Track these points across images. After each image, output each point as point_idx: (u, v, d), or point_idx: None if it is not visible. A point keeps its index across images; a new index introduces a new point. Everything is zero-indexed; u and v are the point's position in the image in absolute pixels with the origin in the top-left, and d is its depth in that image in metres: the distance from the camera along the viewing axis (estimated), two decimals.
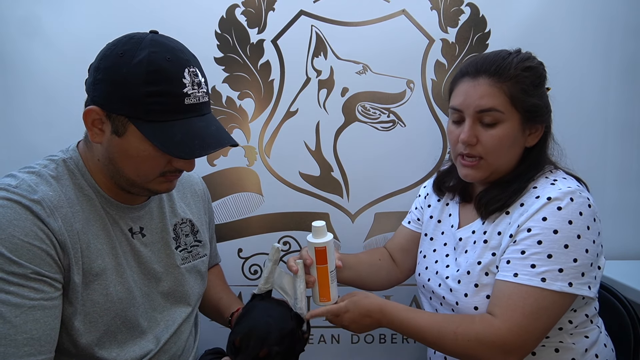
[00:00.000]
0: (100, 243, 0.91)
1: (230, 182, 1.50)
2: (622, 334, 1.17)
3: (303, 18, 1.43)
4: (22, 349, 0.78)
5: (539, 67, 1.01)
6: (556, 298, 0.90)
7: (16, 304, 0.78)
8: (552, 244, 0.91)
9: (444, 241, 1.15)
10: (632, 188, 1.55)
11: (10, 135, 1.43)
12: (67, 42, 1.40)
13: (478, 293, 1.00)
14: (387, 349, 1.57)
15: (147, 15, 1.39)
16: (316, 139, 1.49)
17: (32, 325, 0.79)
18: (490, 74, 0.97)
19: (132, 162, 0.88)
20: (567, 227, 0.91)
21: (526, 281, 0.91)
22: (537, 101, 0.98)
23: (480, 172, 1.02)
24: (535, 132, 1.02)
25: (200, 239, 1.11)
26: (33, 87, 1.42)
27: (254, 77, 1.45)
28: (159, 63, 0.82)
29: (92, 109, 0.85)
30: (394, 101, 1.47)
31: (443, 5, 1.43)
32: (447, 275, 1.08)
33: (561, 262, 0.90)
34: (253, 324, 0.93)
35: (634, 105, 1.51)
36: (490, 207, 1.02)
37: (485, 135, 0.98)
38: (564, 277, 0.90)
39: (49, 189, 0.86)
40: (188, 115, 0.86)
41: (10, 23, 1.40)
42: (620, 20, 1.47)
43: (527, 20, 1.44)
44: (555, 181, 0.98)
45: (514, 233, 0.96)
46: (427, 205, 1.25)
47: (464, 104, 0.99)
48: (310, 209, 1.51)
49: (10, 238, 0.79)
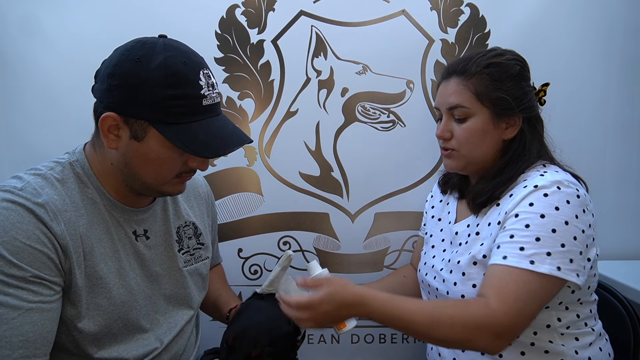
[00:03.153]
0: (103, 247, 0.92)
1: (231, 182, 1.50)
2: (622, 334, 1.17)
3: (303, 18, 1.43)
4: (17, 351, 0.78)
5: (507, 62, 1.05)
6: (545, 282, 0.90)
7: (14, 306, 0.78)
8: (539, 227, 0.92)
9: (442, 237, 1.18)
10: (632, 188, 1.55)
11: (10, 135, 1.43)
12: (67, 42, 1.40)
13: (465, 282, 1.02)
14: (387, 349, 1.57)
15: (147, 16, 1.39)
16: (316, 139, 1.49)
17: (28, 328, 0.79)
18: (458, 74, 1.06)
19: (150, 165, 0.89)
20: (554, 213, 0.93)
21: (515, 263, 0.91)
22: (502, 95, 1.03)
23: (456, 162, 1.09)
24: (513, 125, 1.05)
25: (202, 242, 1.12)
26: (33, 87, 1.42)
27: (254, 78, 1.45)
28: (176, 67, 0.84)
29: (109, 115, 0.85)
30: (394, 101, 1.47)
31: (443, 5, 1.44)
32: (442, 268, 1.10)
33: (549, 245, 0.91)
34: (247, 323, 0.93)
35: (634, 106, 1.51)
36: (477, 200, 1.06)
37: (457, 130, 1.07)
38: (552, 261, 0.90)
39: (53, 192, 0.87)
40: (206, 116, 0.88)
41: (10, 23, 1.40)
42: (620, 21, 1.47)
43: (527, 20, 1.44)
44: (546, 172, 1.00)
45: (502, 220, 0.98)
46: (430, 207, 1.30)
47: (439, 103, 1.11)
48: (310, 209, 1.51)
49: (12, 241, 0.80)
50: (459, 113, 1.05)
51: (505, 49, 1.10)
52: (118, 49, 0.88)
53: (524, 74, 1.07)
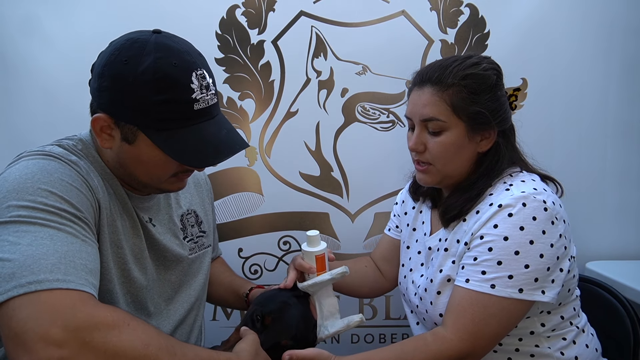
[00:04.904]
0: (123, 222, 0.91)
1: (231, 182, 1.50)
2: (622, 334, 1.16)
3: (303, 19, 1.44)
4: (80, 272, 0.73)
5: (484, 73, 0.98)
6: (505, 304, 0.90)
7: (71, 233, 0.75)
8: (501, 250, 0.91)
9: (418, 249, 1.15)
10: (632, 188, 1.55)
11: (11, 135, 1.44)
12: (67, 42, 1.41)
13: (440, 300, 1.01)
14: None
15: (148, 16, 1.40)
16: (316, 139, 1.49)
17: (86, 256, 0.75)
18: (433, 83, 0.99)
19: (144, 167, 0.88)
20: (517, 234, 0.91)
21: (476, 287, 0.92)
22: (479, 109, 0.97)
23: (431, 177, 1.04)
24: (488, 137, 1.01)
25: (204, 230, 1.12)
26: (33, 87, 1.42)
27: (255, 78, 1.46)
28: (165, 70, 0.80)
29: (100, 116, 0.83)
30: (394, 101, 1.48)
31: (442, 6, 1.44)
32: (419, 284, 1.09)
33: (511, 268, 0.90)
34: (287, 313, 0.99)
35: (634, 106, 1.51)
36: (447, 215, 1.03)
37: (431, 143, 1.00)
38: (513, 284, 0.90)
39: (77, 159, 0.86)
40: (198, 121, 0.84)
41: (11, 23, 1.40)
42: (621, 21, 1.47)
43: (527, 20, 1.44)
44: (511, 186, 0.97)
45: (468, 241, 0.97)
46: (403, 212, 1.24)
47: (411, 112, 1.03)
48: (310, 209, 1.52)
49: (59, 181, 0.78)
50: (434, 126, 0.99)
51: (480, 56, 1.03)
52: (112, 43, 0.86)
53: (499, 84, 1.01)
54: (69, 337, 0.65)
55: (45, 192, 0.76)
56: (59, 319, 0.66)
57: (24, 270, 0.68)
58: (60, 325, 0.65)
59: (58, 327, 0.65)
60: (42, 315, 0.66)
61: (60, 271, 0.70)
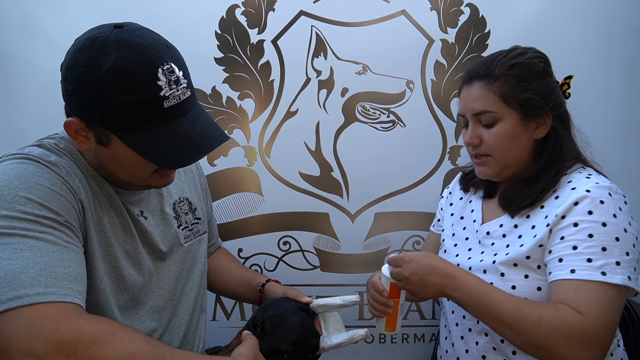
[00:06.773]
0: (111, 218, 0.90)
1: (231, 182, 1.50)
2: (622, 334, 1.16)
3: (303, 18, 1.44)
4: (63, 282, 0.72)
5: (530, 61, 1.02)
6: (616, 292, 0.86)
7: (51, 241, 0.74)
8: (603, 236, 0.88)
9: (466, 236, 1.15)
10: (632, 188, 1.54)
11: (11, 135, 1.44)
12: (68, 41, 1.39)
13: (504, 283, 0.98)
14: (387, 349, 1.57)
15: (148, 16, 1.38)
16: (316, 139, 1.49)
17: (69, 263, 0.74)
18: (481, 78, 1.02)
19: (122, 168, 0.86)
20: (614, 221, 0.89)
21: (586, 276, 0.87)
22: (530, 95, 0.99)
23: (491, 169, 1.05)
24: (543, 123, 1.02)
25: (199, 216, 1.11)
26: (34, 87, 1.42)
27: (254, 78, 1.46)
28: (128, 69, 0.76)
29: (72, 121, 0.81)
30: (394, 101, 1.48)
31: (443, 5, 1.44)
32: (470, 266, 1.07)
33: (616, 254, 0.87)
34: (287, 319, 1.00)
35: (634, 106, 1.51)
36: (522, 203, 1.02)
37: (486, 135, 1.03)
38: (622, 271, 0.86)
39: (59, 158, 0.85)
40: (170, 119, 0.80)
41: (11, 23, 1.40)
42: (621, 21, 1.47)
43: (527, 20, 1.44)
44: (590, 175, 0.98)
45: (551, 223, 0.94)
46: (448, 204, 1.27)
47: (463, 109, 1.06)
48: (310, 209, 1.52)
49: (37, 186, 0.77)
50: (486, 119, 1.01)
51: (525, 47, 1.06)
52: (76, 40, 0.82)
53: (547, 70, 1.04)
54: (52, 350, 0.66)
55: (23, 199, 0.75)
56: (41, 334, 0.67)
57: (5, 287, 0.68)
58: (42, 340, 0.66)
59: (40, 341, 0.66)
60: (25, 330, 0.67)
61: (40, 284, 0.70)
